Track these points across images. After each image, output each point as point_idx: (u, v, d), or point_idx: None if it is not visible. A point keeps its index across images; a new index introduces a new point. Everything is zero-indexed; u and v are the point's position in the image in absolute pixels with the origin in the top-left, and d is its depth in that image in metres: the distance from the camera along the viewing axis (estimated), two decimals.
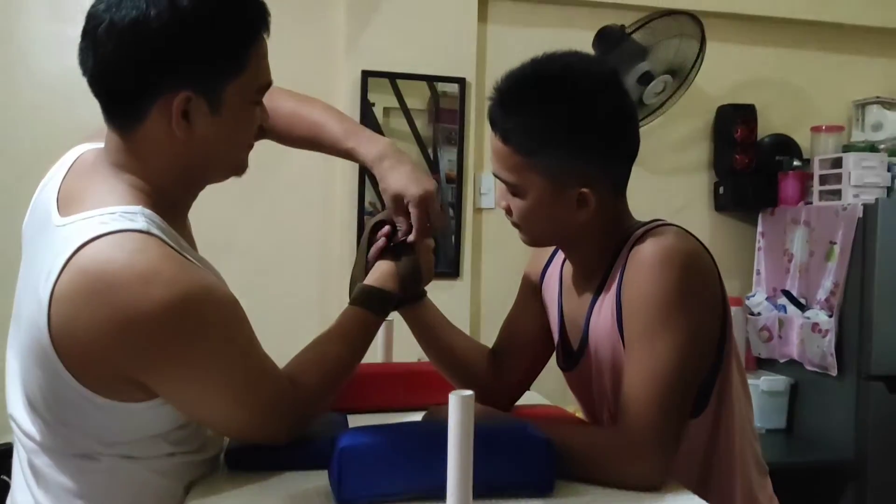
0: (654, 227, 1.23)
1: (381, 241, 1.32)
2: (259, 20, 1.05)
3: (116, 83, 1.01)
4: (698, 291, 1.18)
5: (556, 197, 1.21)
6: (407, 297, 1.33)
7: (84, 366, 0.97)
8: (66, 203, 1.05)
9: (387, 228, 1.32)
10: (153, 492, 1.06)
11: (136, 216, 0.99)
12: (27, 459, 1.07)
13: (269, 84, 1.09)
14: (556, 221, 1.24)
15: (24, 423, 1.06)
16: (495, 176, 1.26)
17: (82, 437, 1.02)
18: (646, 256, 1.16)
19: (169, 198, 1.07)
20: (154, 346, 0.96)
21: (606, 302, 1.25)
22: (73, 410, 1.00)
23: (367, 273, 1.30)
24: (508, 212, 1.27)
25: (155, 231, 0.99)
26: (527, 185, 1.21)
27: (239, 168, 1.13)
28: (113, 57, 0.99)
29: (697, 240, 1.23)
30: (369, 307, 1.24)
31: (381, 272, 1.28)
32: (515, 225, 1.29)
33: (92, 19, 1.00)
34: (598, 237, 1.26)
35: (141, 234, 0.97)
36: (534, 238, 1.30)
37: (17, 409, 1.07)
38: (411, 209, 1.27)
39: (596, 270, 1.28)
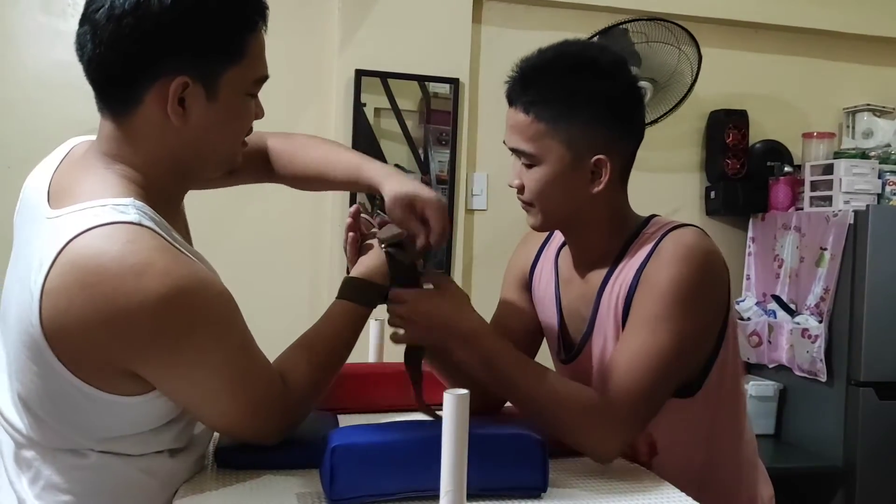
0: (680, 226, 1.27)
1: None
2: (257, 13, 1.06)
3: (114, 66, 1.00)
4: (710, 291, 1.24)
5: (573, 166, 1.24)
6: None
7: (77, 358, 0.96)
8: (58, 195, 1.04)
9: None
10: (139, 490, 1.05)
11: (128, 208, 0.98)
12: (13, 453, 1.05)
13: (265, 77, 1.10)
14: (570, 194, 1.26)
15: (11, 417, 1.04)
16: (512, 150, 1.28)
17: (72, 432, 1.01)
18: (671, 250, 1.22)
19: (161, 189, 1.07)
20: (146, 337, 0.95)
21: (615, 289, 1.27)
22: (66, 404, 0.99)
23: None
24: (521, 190, 1.29)
25: (147, 223, 0.98)
26: (545, 153, 1.24)
27: (231, 162, 1.13)
28: (112, 39, 0.98)
29: (712, 241, 1.28)
30: (356, 299, 1.22)
31: (367, 265, 1.26)
32: (527, 204, 1.30)
33: (91, 4, 1.01)
34: (604, 222, 1.30)
35: (132, 225, 0.97)
36: (545, 215, 1.29)
37: (5, 402, 1.05)
38: (431, 213, 1.22)
39: (603, 258, 1.31)
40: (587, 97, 1.23)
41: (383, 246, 1.25)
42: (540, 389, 1.18)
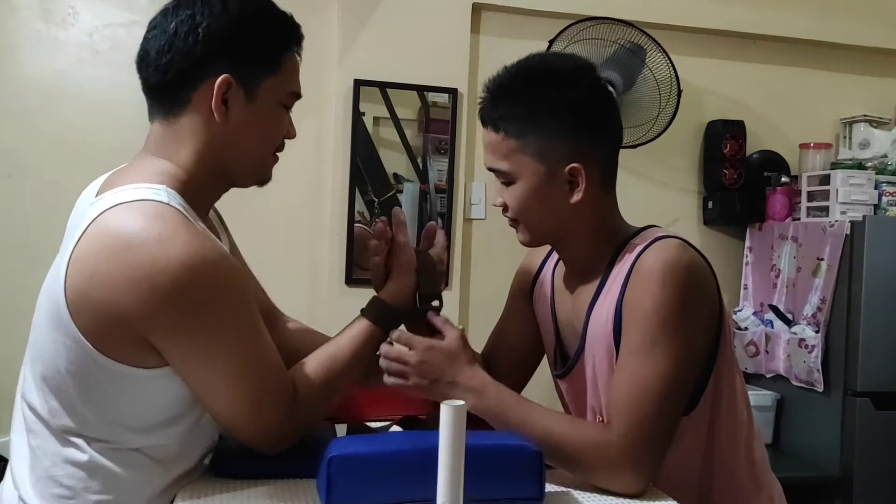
0: (659, 238, 1.24)
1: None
2: (294, 39, 1.20)
3: (169, 70, 1.11)
4: (697, 306, 1.21)
5: (549, 179, 1.24)
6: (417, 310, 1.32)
7: (96, 325, 1.01)
8: (104, 189, 1.12)
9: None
10: (127, 494, 1.08)
11: (160, 192, 1.06)
12: (26, 439, 1.10)
13: (298, 94, 1.22)
14: (550, 207, 1.25)
15: (31, 398, 1.10)
16: (490, 170, 1.28)
17: (79, 408, 1.05)
18: (651, 269, 1.19)
19: (198, 187, 1.14)
20: (167, 303, 1.00)
21: (605, 307, 1.25)
22: (79, 374, 1.03)
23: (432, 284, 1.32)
24: (505, 209, 1.29)
25: (175, 205, 1.05)
26: (519, 169, 1.24)
27: (263, 172, 1.23)
28: (170, 45, 1.11)
29: (696, 249, 1.25)
30: (382, 324, 1.25)
31: (399, 289, 1.28)
32: (513, 222, 1.30)
33: (154, 20, 1.15)
34: (591, 233, 1.29)
35: (161, 203, 1.04)
36: (531, 230, 1.29)
37: (28, 383, 1.11)
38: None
39: (592, 271, 1.30)
40: (550, 107, 1.23)
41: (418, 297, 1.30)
42: (553, 436, 1.15)
